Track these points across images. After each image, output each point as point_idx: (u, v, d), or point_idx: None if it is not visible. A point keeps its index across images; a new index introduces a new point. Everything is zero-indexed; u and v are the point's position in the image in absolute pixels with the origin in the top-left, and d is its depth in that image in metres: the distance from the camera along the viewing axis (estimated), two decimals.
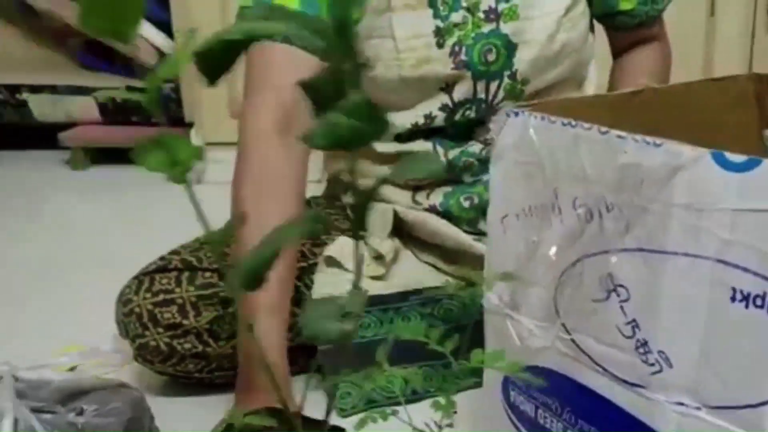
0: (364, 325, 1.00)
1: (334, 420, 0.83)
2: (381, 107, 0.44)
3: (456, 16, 0.99)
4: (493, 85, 1.01)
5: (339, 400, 0.95)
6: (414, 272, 1.04)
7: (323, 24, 0.44)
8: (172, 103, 1.99)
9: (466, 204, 1.02)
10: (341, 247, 1.00)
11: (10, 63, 2.18)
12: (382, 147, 1.04)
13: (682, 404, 0.62)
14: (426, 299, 1.00)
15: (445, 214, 1.04)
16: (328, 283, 1.01)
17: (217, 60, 0.48)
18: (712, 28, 1.91)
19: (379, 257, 1.03)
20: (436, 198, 1.04)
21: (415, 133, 1.05)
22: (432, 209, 1.04)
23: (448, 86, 1.02)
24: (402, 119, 1.04)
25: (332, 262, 0.99)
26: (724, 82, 0.88)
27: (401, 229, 1.04)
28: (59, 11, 2.02)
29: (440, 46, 0.99)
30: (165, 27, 1.96)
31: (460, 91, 1.01)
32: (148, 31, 2.00)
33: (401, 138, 1.06)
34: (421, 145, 1.04)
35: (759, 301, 0.56)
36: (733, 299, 0.58)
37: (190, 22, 1.80)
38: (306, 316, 0.45)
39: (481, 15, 1.00)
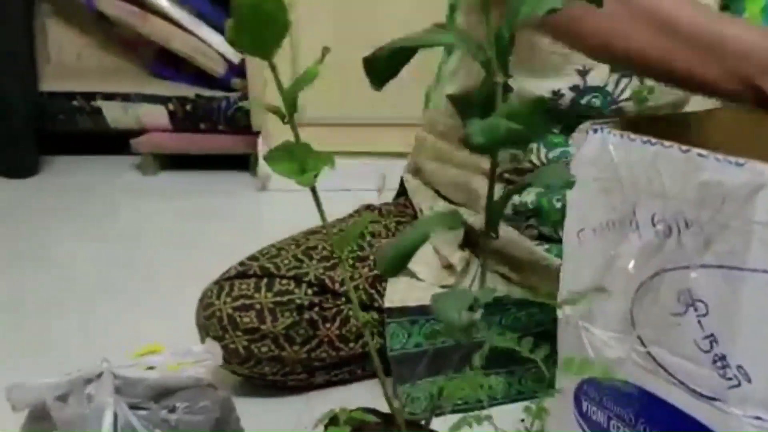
0: (434, 333, 1.02)
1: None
2: (542, 114, 0.47)
3: None
4: (624, 81, 1.01)
5: (409, 404, 0.97)
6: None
7: (481, 41, 0.48)
8: (240, 111, 2.04)
9: (558, 205, 1.02)
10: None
11: (85, 71, 2.25)
12: None
13: (759, 418, 0.63)
14: (494, 309, 1.02)
15: (537, 212, 1.03)
16: (400, 290, 1.03)
17: (384, 65, 0.52)
18: None
19: (448, 266, 1.05)
20: (528, 195, 1.03)
21: None
22: (522, 205, 1.04)
23: (585, 70, 1.01)
24: (529, 88, 1.01)
25: (405, 269, 1.02)
26: None
27: (472, 237, 1.05)
28: (132, 22, 2.09)
29: None
30: None
31: (594, 78, 1.01)
32: (216, 40, 2.06)
33: None
34: None
35: None
36: None
37: None
38: (439, 305, 0.48)
39: None
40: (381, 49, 0.57)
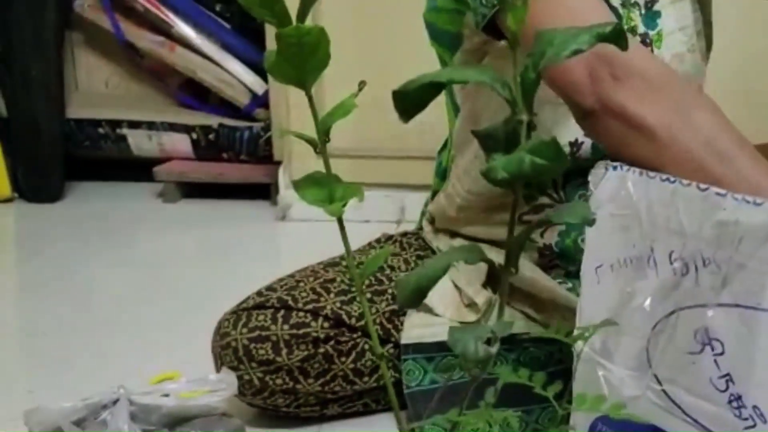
0: (449, 367, 1.02)
1: None
2: (562, 150, 0.48)
3: None
4: None
5: None
6: (505, 319, 1.05)
7: (507, 80, 0.49)
8: (262, 141, 2.07)
9: (583, 245, 1.01)
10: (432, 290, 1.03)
11: (112, 100, 2.29)
12: None
13: None
14: (513, 346, 1.02)
15: (561, 254, 1.03)
16: (417, 326, 1.03)
17: (413, 99, 0.54)
18: None
19: (469, 305, 1.04)
20: (551, 237, 1.03)
21: None
22: (547, 248, 1.04)
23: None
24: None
25: (422, 305, 1.02)
26: None
27: (495, 276, 1.05)
28: (160, 52, 2.13)
29: None
30: (256, 67, 2.04)
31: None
32: (240, 71, 2.09)
33: None
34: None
35: None
36: None
37: None
38: (456, 337, 0.49)
39: (638, 39, 0.99)
40: (411, 82, 0.58)
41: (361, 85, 0.88)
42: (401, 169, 1.95)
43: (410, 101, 0.56)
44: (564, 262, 1.03)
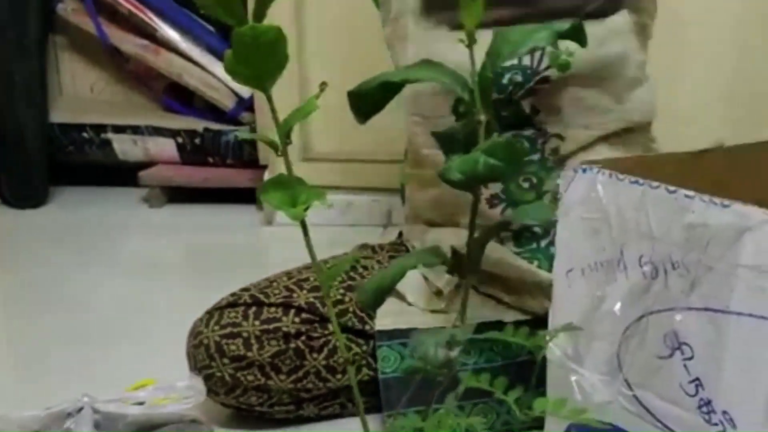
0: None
1: None
2: (520, 149, 0.48)
3: None
4: (537, 53, 0.98)
5: None
6: (474, 305, 1.04)
7: (465, 80, 0.49)
8: (247, 145, 2.06)
9: (526, 184, 0.99)
10: (404, 279, 1.03)
11: (97, 104, 2.28)
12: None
13: None
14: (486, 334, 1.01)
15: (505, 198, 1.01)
16: (391, 313, 1.02)
17: (371, 100, 0.53)
18: None
19: (438, 292, 1.04)
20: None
21: None
22: (494, 197, 1.01)
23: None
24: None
25: (395, 294, 1.01)
26: None
27: (460, 263, 1.04)
28: (145, 56, 2.11)
29: None
30: None
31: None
32: (225, 74, 2.07)
33: None
34: None
35: None
36: None
37: None
38: (417, 340, 0.48)
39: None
40: (365, 83, 0.57)
41: (323, 86, 0.87)
42: (388, 174, 1.95)
43: (365, 102, 0.55)
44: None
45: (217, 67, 2.08)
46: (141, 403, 0.83)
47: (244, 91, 2.06)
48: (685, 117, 1.83)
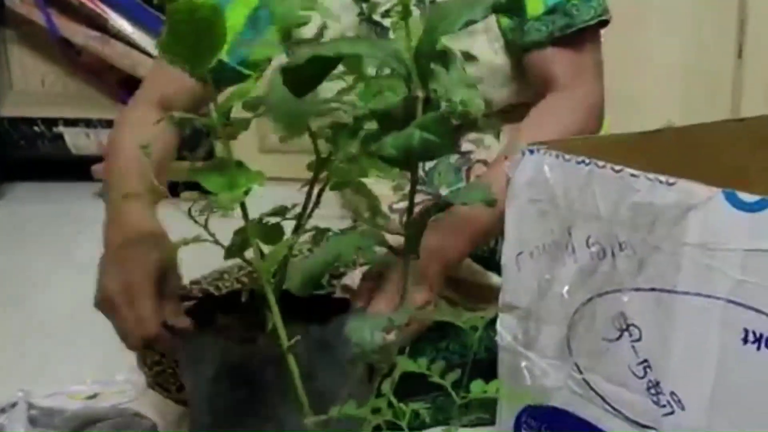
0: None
1: None
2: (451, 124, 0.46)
3: None
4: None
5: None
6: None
7: (402, 53, 0.47)
8: (204, 137, 2.02)
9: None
10: (358, 277, 1.01)
11: (49, 98, 2.23)
12: None
13: None
14: (444, 333, 1.00)
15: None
16: None
17: (306, 75, 0.51)
18: (739, 71, 1.90)
19: None
20: None
21: None
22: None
23: None
24: None
25: (348, 291, 1.00)
26: (749, 123, 0.87)
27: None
28: (97, 47, 2.07)
29: None
30: None
31: None
32: None
33: None
34: None
35: None
36: (745, 340, 0.57)
37: None
38: (353, 325, 0.47)
39: None
40: (299, 57, 0.55)
41: (263, 67, 0.84)
42: None
43: (299, 77, 0.54)
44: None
45: None
46: (91, 397, 0.81)
47: None
48: (640, 103, 1.84)
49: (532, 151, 0.72)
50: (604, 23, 1.02)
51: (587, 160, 0.68)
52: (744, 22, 1.85)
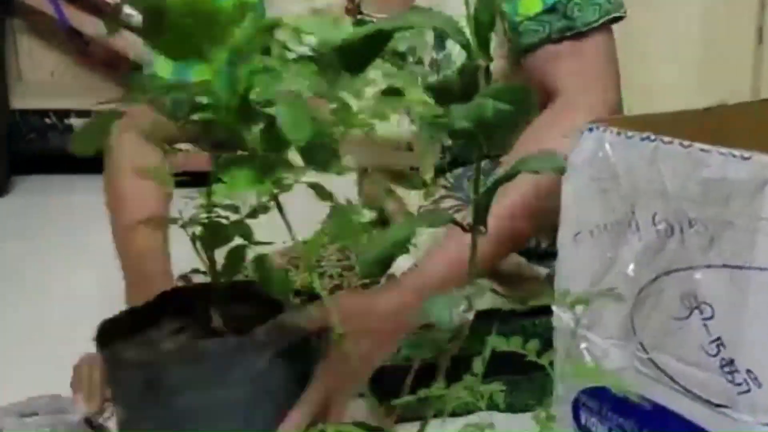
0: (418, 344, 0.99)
1: None
2: (531, 91, 0.44)
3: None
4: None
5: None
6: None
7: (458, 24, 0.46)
8: None
9: None
10: (397, 268, 1.00)
11: (59, 89, 2.21)
12: None
13: None
14: (490, 320, 0.99)
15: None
16: None
17: (361, 52, 0.49)
18: (760, 56, 1.89)
19: None
20: None
21: None
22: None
23: (411, 147, 1.01)
24: None
25: (390, 277, 0.99)
26: None
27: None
28: (108, 38, 2.05)
29: None
30: None
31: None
32: None
33: None
34: None
35: None
36: None
37: None
38: (429, 303, 0.46)
39: (427, 67, 0.97)
40: (355, 33, 0.54)
41: None
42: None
43: (355, 55, 0.52)
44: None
45: None
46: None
47: None
48: (656, 90, 1.82)
49: (591, 129, 0.71)
50: (616, 20, 0.90)
51: (652, 137, 0.66)
52: (764, 6, 1.84)
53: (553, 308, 0.77)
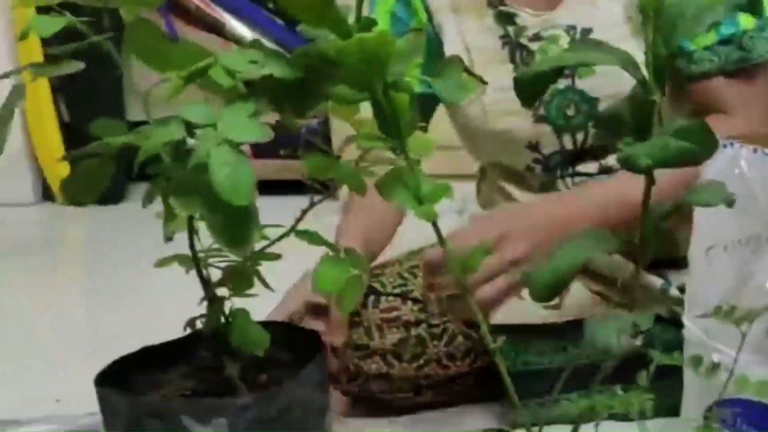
0: (540, 353, 1.01)
1: None
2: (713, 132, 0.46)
3: None
4: (580, 136, 1.01)
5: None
6: (585, 302, 1.03)
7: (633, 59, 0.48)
8: (319, 137, 2.06)
9: None
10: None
11: (171, 101, 2.29)
12: None
13: None
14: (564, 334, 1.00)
15: None
16: (502, 308, 1.01)
17: (540, 84, 0.52)
18: None
19: None
20: None
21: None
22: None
23: (532, 144, 1.02)
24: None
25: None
26: None
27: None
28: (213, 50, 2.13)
29: None
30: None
31: (547, 146, 1.02)
32: None
33: None
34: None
35: None
36: None
37: None
38: (594, 329, 0.47)
39: None
40: (537, 65, 0.57)
41: None
42: (465, 160, 1.93)
43: (535, 86, 0.55)
44: None
45: None
46: None
47: None
48: None
49: (725, 145, 0.73)
50: None
51: None
52: None
53: (684, 320, 0.78)
